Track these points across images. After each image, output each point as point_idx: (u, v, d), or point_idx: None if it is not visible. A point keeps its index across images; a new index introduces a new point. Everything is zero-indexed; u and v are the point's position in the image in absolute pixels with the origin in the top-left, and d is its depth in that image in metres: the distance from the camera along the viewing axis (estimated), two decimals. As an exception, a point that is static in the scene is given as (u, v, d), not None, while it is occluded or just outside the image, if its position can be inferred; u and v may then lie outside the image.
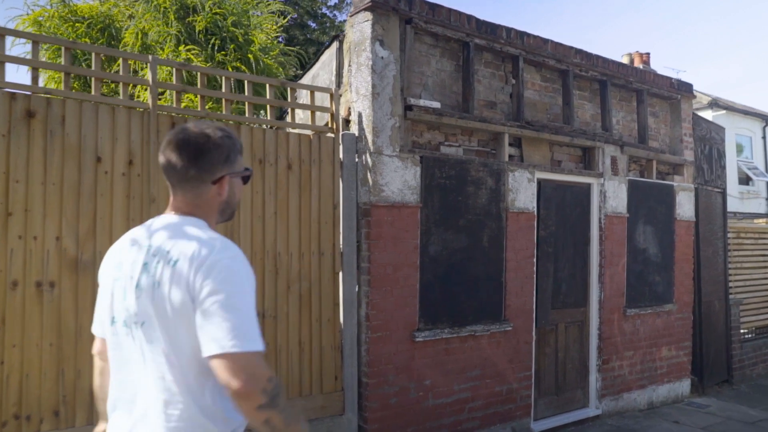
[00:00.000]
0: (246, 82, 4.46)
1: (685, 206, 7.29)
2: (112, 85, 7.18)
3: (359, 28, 4.75)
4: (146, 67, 6.80)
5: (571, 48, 6.12)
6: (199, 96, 4.18)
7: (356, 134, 4.72)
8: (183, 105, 6.67)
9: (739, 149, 19.08)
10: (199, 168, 1.57)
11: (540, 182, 5.85)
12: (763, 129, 19.82)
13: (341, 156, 4.67)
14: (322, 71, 5.58)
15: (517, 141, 5.79)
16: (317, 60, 5.78)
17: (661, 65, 28.07)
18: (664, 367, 7.04)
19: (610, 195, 6.41)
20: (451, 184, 5.09)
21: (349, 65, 4.87)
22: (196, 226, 1.58)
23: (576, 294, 6.23)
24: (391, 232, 4.72)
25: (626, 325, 6.58)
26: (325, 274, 4.55)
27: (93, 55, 3.89)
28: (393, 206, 4.72)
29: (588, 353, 6.34)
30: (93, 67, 3.84)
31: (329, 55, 5.33)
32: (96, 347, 1.77)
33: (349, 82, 4.88)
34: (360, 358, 4.65)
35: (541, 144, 5.95)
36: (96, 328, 1.73)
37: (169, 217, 1.62)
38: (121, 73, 3.91)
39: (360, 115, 4.72)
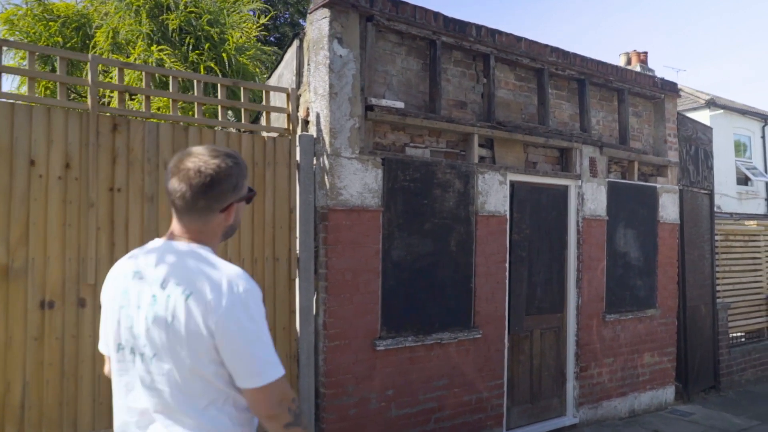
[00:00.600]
0: (195, 81, 4.29)
1: (668, 208, 7.10)
2: (79, 88, 7.03)
3: (317, 25, 4.59)
4: (112, 70, 6.66)
5: (546, 46, 5.94)
6: (144, 97, 4.01)
7: (314, 136, 4.56)
8: (156, 107, 6.56)
9: (738, 149, 18.82)
10: (209, 199, 1.56)
11: (513, 184, 5.67)
12: (762, 129, 19.55)
13: (298, 158, 4.50)
14: (285, 70, 5.42)
15: (488, 142, 5.61)
16: (282, 59, 5.62)
17: (660, 65, 27.82)
18: (646, 374, 6.85)
19: (589, 197, 6.22)
20: (416, 186, 4.92)
21: (308, 64, 4.70)
22: (204, 256, 1.57)
23: (552, 299, 6.04)
24: (350, 236, 4.55)
25: (606, 331, 6.39)
26: (281, 280, 4.39)
27: (28, 54, 3.73)
28: (352, 210, 4.56)
29: (565, 360, 6.15)
30: (28, 67, 3.69)
31: (291, 54, 5.17)
32: (107, 368, 1.77)
33: (307, 82, 4.72)
34: (317, 368, 4.48)
35: (514, 145, 5.77)
36: (103, 348, 1.75)
37: (174, 244, 1.60)
38: (58, 72, 3.75)
39: (318, 116, 4.55)
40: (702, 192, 7.85)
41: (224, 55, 7.40)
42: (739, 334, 8.67)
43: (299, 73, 4.95)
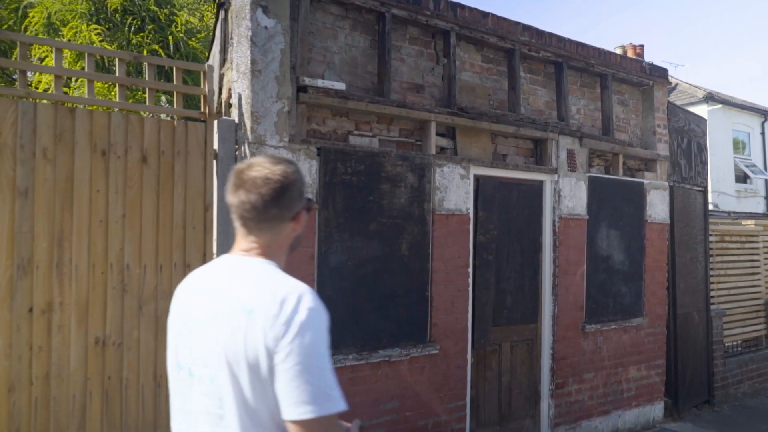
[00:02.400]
0: (87, 55, 3.63)
1: (657, 207, 6.44)
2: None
3: (240, -9, 3.93)
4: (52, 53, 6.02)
5: (518, 24, 5.28)
6: (19, 71, 3.35)
7: (236, 121, 3.90)
8: (82, 91, 5.91)
9: (737, 146, 18.16)
10: (280, 207, 1.52)
11: (478, 179, 5.01)
12: (762, 125, 18.89)
13: (216, 147, 3.85)
14: (215, 47, 4.76)
15: (450, 131, 4.95)
16: (213, 35, 4.96)
17: (658, 60, 27.12)
18: (632, 390, 6.20)
19: (566, 194, 5.56)
20: (359, 181, 4.26)
21: (231, 38, 4.04)
22: (270, 272, 1.50)
23: (524, 308, 5.38)
24: (277, 239, 3.88)
25: (585, 343, 5.73)
26: (192, 290, 3.72)
27: None
28: (280, 208, 3.89)
29: (539, 376, 5.49)
30: None
31: (219, 29, 4.51)
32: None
33: (230, 58, 4.06)
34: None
35: (480, 135, 5.10)
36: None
37: (241, 259, 1.54)
38: None
39: (240, 98, 3.90)
40: (695, 189, 7.18)
41: (171, 38, 6.73)
42: (734, 342, 8.01)
43: (224, 49, 4.30)
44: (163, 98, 6.35)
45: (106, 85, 6.34)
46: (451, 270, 4.76)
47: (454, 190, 4.78)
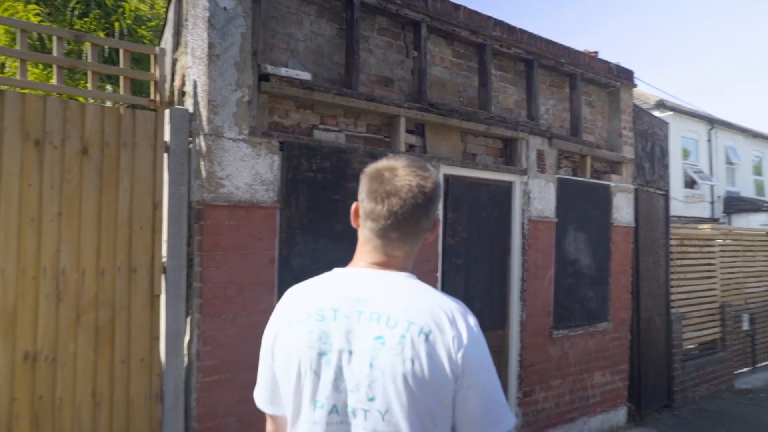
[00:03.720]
0: (19, 31, 3.20)
1: (623, 210, 6.36)
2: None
3: (196, -32, 3.57)
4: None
5: (490, 18, 5.07)
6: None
7: (190, 110, 3.54)
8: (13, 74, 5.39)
9: (685, 152, 18.62)
10: (430, 216, 1.39)
11: (448, 179, 4.78)
12: (709, 132, 19.44)
13: (167, 138, 3.48)
14: (167, 31, 4.37)
15: (419, 128, 4.70)
16: (166, 19, 4.56)
17: (609, 66, 27.61)
18: (597, 396, 6.09)
19: (536, 196, 5.39)
20: (325, 178, 3.96)
21: (186, 19, 3.68)
22: (422, 286, 1.36)
23: (493, 314, 5.18)
24: (234, 240, 3.55)
25: (553, 350, 5.58)
26: (138, 297, 3.35)
27: None
28: (238, 206, 3.56)
29: (506, 384, 5.30)
30: None
31: (172, 10, 4.13)
32: (270, 428, 1.49)
33: (185, 42, 3.70)
34: (188, 411, 3.46)
35: (449, 132, 4.87)
36: (268, 406, 1.44)
37: (385, 275, 1.36)
38: None
39: (195, 85, 3.53)
40: (658, 192, 7.16)
41: (117, 24, 6.25)
42: (692, 346, 8.06)
43: (177, 32, 3.92)
44: (108, 87, 5.87)
45: (45, 72, 5.83)
46: (420, 275, 4.45)
47: (424, 190, 4.52)
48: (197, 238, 3.46)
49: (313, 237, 3.90)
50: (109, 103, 3.79)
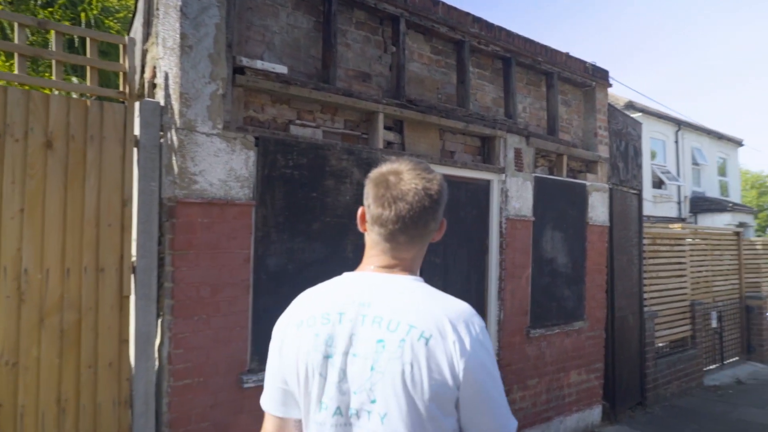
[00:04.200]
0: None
1: (598, 209, 6.38)
2: None
3: (168, -45, 3.42)
4: None
5: (468, 14, 5.02)
6: None
7: (161, 103, 3.39)
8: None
9: (653, 153, 18.94)
10: (437, 218, 1.40)
11: (426, 177, 4.70)
12: (676, 134, 19.81)
13: (137, 132, 3.33)
14: (138, 22, 4.20)
15: (397, 125, 4.62)
16: (135, 9, 4.39)
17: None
18: (573, 395, 6.09)
19: (513, 194, 5.36)
20: (302, 175, 3.85)
21: (157, 9, 3.53)
22: (427, 290, 1.35)
23: (470, 313, 5.12)
24: (208, 238, 3.42)
25: (530, 349, 5.56)
26: (106, 299, 3.19)
27: None
28: (212, 203, 3.42)
29: (484, 384, 5.25)
30: None
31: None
32: (269, 428, 1.44)
33: (155, 32, 3.55)
34: (160, 416, 3.32)
35: (428, 129, 4.80)
36: (273, 406, 1.42)
37: (390, 278, 1.36)
38: None
39: (167, 77, 3.39)
40: (631, 191, 7.22)
41: (83, 15, 6.02)
42: (663, 344, 8.16)
43: (148, 23, 3.77)
44: (74, 80, 5.65)
45: (7, 63, 5.58)
46: (398, 274, 4.42)
47: (402, 187, 4.44)
48: (169, 237, 3.32)
49: (289, 236, 3.79)
50: (75, 95, 3.62)
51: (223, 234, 3.47)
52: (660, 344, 8.01)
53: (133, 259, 3.29)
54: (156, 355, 3.34)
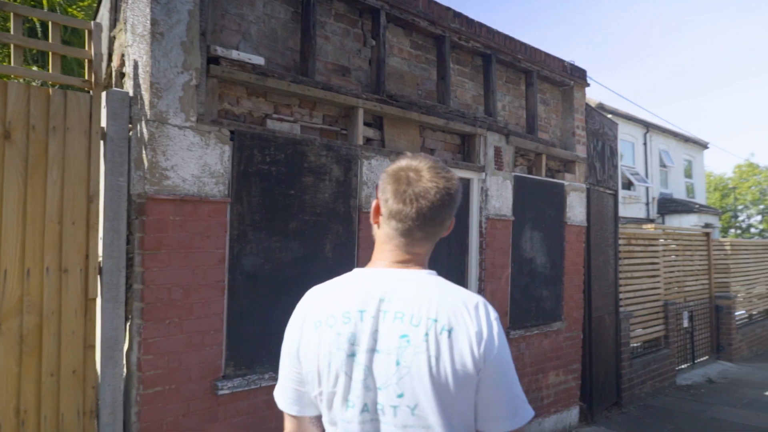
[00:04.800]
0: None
1: (576, 209, 6.35)
2: None
3: (138, -63, 3.22)
4: None
5: (449, 9, 4.92)
6: None
7: (130, 93, 3.20)
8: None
9: (621, 155, 19.19)
10: (452, 215, 1.43)
11: (407, 175, 4.57)
12: (645, 135, 20.11)
13: (104, 124, 3.12)
14: (104, 8, 3.98)
15: (377, 121, 4.49)
16: (102, -5, 4.17)
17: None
18: (551, 396, 6.04)
19: (493, 193, 5.27)
20: (279, 171, 3.68)
21: (126, -7, 3.33)
22: (441, 283, 1.38)
23: (450, 315, 5.01)
24: (180, 237, 3.23)
25: (510, 350, 5.46)
26: (70, 301, 2.98)
27: None
28: (185, 200, 3.24)
29: (464, 387, 5.15)
30: None
31: (109, -16, 3.75)
32: (289, 427, 1.46)
33: (124, 18, 3.35)
34: (128, 426, 3.12)
35: (408, 126, 4.68)
36: (293, 406, 1.43)
37: (405, 273, 1.38)
38: None
39: (136, 65, 3.20)
40: (608, 192, 7.22)
41: (45, 1, 5.74)
42: (637, 344, 8.20)
43: (115, 8, 3.56)
44: (34, 69, 5.37)
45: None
46: (378, 274, 4.28)
47: (383, 185, 4.31)
48: (138, 235, 3.12)
49: (266, 234, 3.62)
50: (36, 83, 3.39)
51: (197, 232, 3.29)
52: (634, 344, 8.04)
53: (100, 259, 3.08)
54: (124, 361, 3.13)
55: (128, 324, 3.16)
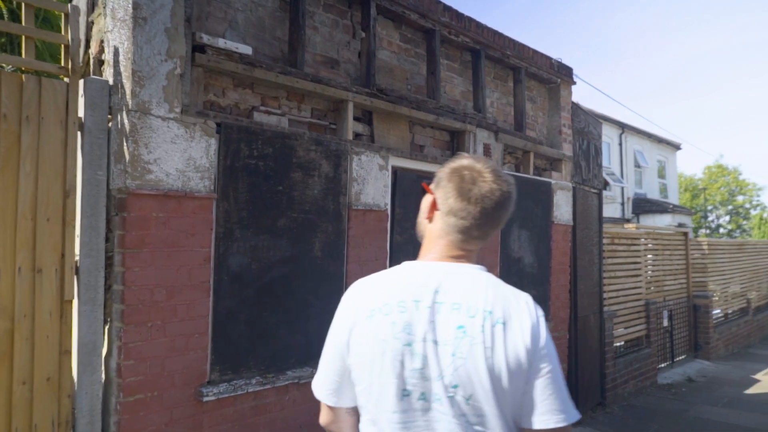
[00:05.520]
0: None
1: (563, 208, 6.29)
2: None
3: None
4: None
5: (439, 2, 4.80)
6: None
7: (110, 82, 3.00)
8: None
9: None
10: (507, 219, 1.47)
11: (396, 171, 4.45)
12: (620, 136, 20.33)
13: (82, 114, 2.92)
14: (80, -7, 3.76)
15: (366, 116, 4.35)
16: (77, -21, 3.94)
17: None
18: (538, 397, 5.95)
19: (482, 191, 5.15)
20: (267, 166, 3.52)
21: (105, -25, 3.13)
22: (492, 278, 1.42)
23: (439, 315, 4.89)
24: (164, 235, 3.04)
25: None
26: (44, 303, 2.78)
27: None
28: (168, 196, 3.05)
29: (453, 389, 5.03)
30: None
31: (86, -33, 3.54)
32: (326, 416, 1.48)
33: (103, 2, 3.15)
34: (106, 435, 2.93)
35: (398, 121, 4.55)
36: (324, 394, 1.46)
37: (458, 267, 1.42)
38: None
39: (116, 52, 3.00)
40: (592, 191, 7.18)
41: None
42: (619, 343, 8.19)
43: (94, -9, 3.35)
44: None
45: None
46: (368, 274, 4.14)
47: (372, 182, 4.18)
48: (118, 233, 2.93)
49: (253, 233, 3.45)
50: (8, 68, 3.18)
51: (181, 230, 3.11)
52: (617, 344, 8.02)
53: (77, 258, 2.89)
54: (102, 367, 2.94)
55: (107, 327, 2.97)
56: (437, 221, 1.46)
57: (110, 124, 2.97)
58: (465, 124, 4.97)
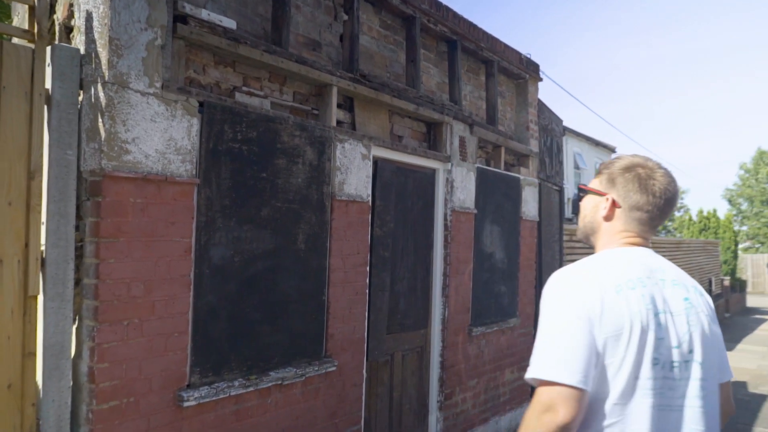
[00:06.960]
0: None
1: (530, 203, 6.27)
2: None
3: None
4: None
5: (419, -12, 4.64)
6: None
7: (82, 50, 2.67)
8: None
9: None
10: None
11: (377, 162, 4.26)
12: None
13: (49, 85, 2.58)
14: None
15: (347, 102, 4.14)
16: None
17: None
18: (506, 394, 5.91)
19: (458, 185, 5.05)
20: (251, 151, 3.25)
21: (75, -68, 2.79)
22: (666, 260, 1.61)
23: (416, 312, 4.74)
24: (141, 223, 2.74)
25: (471, 348, 5.28)
26: (5, 299, 2.43)
27: None
28: (147, 179, 2.75)
29: (428, 387, 4.89)
30: None
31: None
32: (575, 406, 1.32)
33: (72, -39, 2.81)
34: (76, 448, 2.60)
35: (379, 109, 4.36)
36: (579, 378, 1.33)
37: (652, 252, 1.59)
38: None
39: (90, 17, 2.68)
40: (554, 188, 7.22)
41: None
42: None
43: (59, -49, 2.99)
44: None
45: None
46: (350, 268, 3.94)
47: (355, 172, 3.97)
48: (91, 220, 2.60)
49: (237, 222, 3.18)
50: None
51: (161, 218, 2.81)
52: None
53: (42, 248, 2.54)
54: (71, 371, 2.61)
55: (76, 327, 2.64)
56: (618, 219, 1.59)
57: (81, 98, 2.64)
58: (443, 116, 4.83)
